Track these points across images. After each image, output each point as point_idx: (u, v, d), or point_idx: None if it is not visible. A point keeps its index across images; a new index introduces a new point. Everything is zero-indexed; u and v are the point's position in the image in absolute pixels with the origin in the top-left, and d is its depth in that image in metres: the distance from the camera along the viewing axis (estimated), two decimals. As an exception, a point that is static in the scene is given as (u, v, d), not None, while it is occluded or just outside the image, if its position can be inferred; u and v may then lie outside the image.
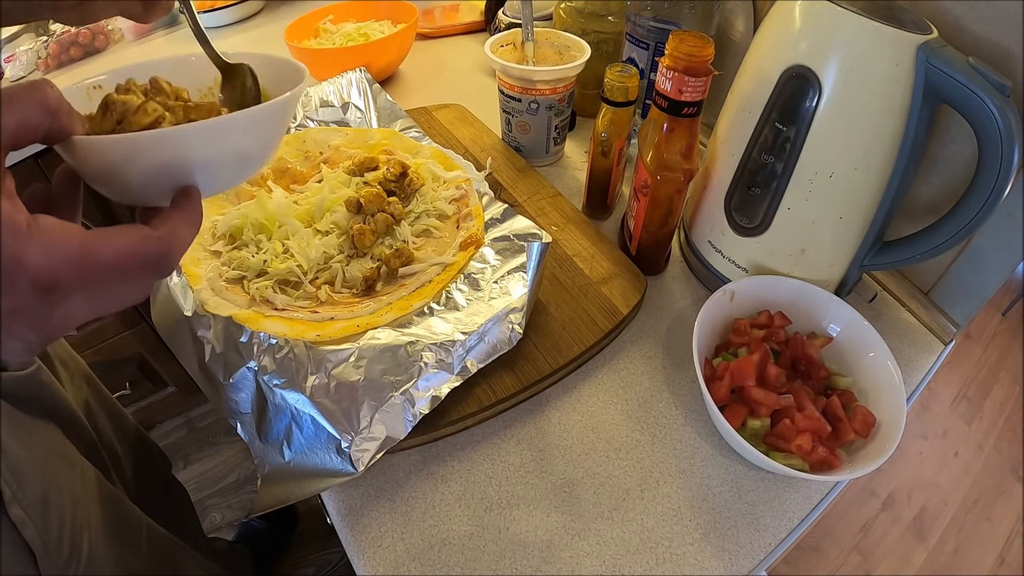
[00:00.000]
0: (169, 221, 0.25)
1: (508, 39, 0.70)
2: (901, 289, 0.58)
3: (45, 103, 0.22)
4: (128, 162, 0.25)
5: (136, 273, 0.24)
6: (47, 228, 0.21)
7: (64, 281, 0.21)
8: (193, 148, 0.26)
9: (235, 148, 0.28)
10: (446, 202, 0.59)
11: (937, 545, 1.31)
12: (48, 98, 0.22)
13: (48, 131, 0.22)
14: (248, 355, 0.45)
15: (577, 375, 0.50)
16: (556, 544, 0.40)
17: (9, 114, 0.21)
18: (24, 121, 0.21)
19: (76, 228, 0.22)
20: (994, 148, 0.38)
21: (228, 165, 0.29)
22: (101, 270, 0.22)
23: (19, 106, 0.21)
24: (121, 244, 0.23)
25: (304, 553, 1.11)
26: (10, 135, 0.21)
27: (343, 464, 0.40)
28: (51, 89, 0.22)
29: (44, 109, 0.22)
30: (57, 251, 0.21)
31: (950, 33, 0.43)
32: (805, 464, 0.41)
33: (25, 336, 0.22)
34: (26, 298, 0.20)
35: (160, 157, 0.25)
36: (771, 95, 0.45)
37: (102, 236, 0.22)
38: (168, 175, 0.26)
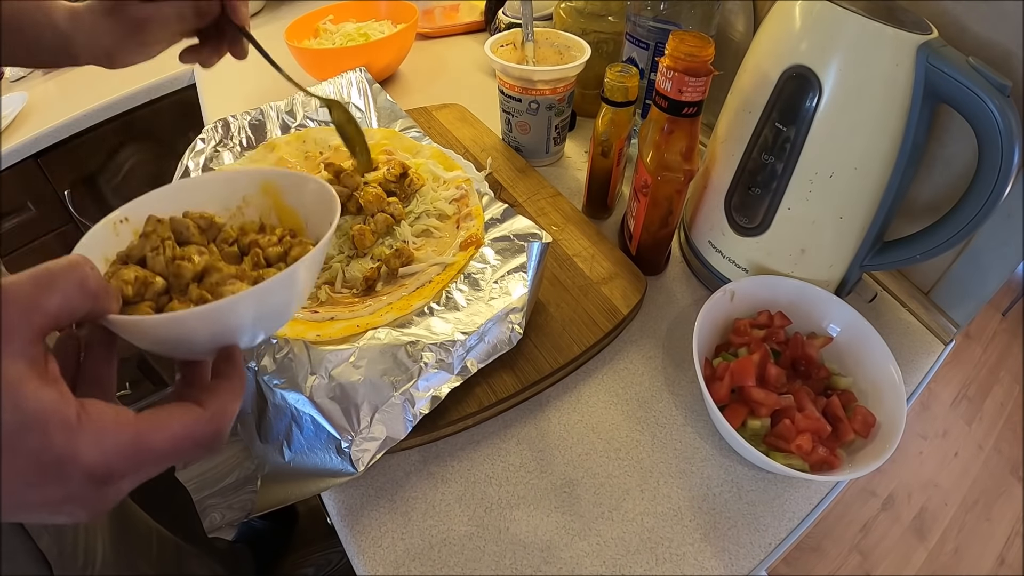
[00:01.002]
0: (217, 397, 0.25)
1: (508, 39, 0.70)
2: (901, 289, 0.58)
3: (86, 287, 0.22)
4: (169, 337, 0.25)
5: (188, 454, 0.24)
6: (98, 418, 0.20)
7: (118, 470, 0.21)
8: (235, 317, 0.26)
9: (277, 304, 0.29)
10: (446, 202, 0.59)
11: (937, 545, 1.31)
12: (88, 281, 0.22)
13: (87, 314, 0.22)
14: (248, 355, 0.45)
15: (577, 375, 0.50)
16: (556, 544, 0.40)
17: (51, 298, 0.20)
18: (66, 305, 0.21)
19: (126, 414, 0.21)
20: (994, 148, 0.38)
21: (271, 318, 0.29)
22: (155, 458, 0.22)
23: (60, 290, 0.21)
24: (175, 431, 0.22)
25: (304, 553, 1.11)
26: (52, 320, 0.21)
27: (343, 464, 0.40)
28: (91, 271, 0.22)
29: (84, 292, 0.22)
30: (110, 443, 0.20)
31: (950, 33, 0.43)
32: (805, 464, 0.41)
33: (75, 514, 0.22)
34: (80, 488, 0.20)
35: (202, 331, 0.26)
36: (771, 95, 0.45)
37: (154, 422, 0.22)
38: (213, 341, 0.27)
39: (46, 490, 0.20)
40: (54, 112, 0.95)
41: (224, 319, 0.26)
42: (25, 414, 0.19)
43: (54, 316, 0.21)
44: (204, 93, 0.92)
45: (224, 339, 0.27)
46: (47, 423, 0.19)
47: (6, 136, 0.92)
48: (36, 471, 0.19)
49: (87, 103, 0.96)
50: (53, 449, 0.19)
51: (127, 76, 1.01)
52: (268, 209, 0.37)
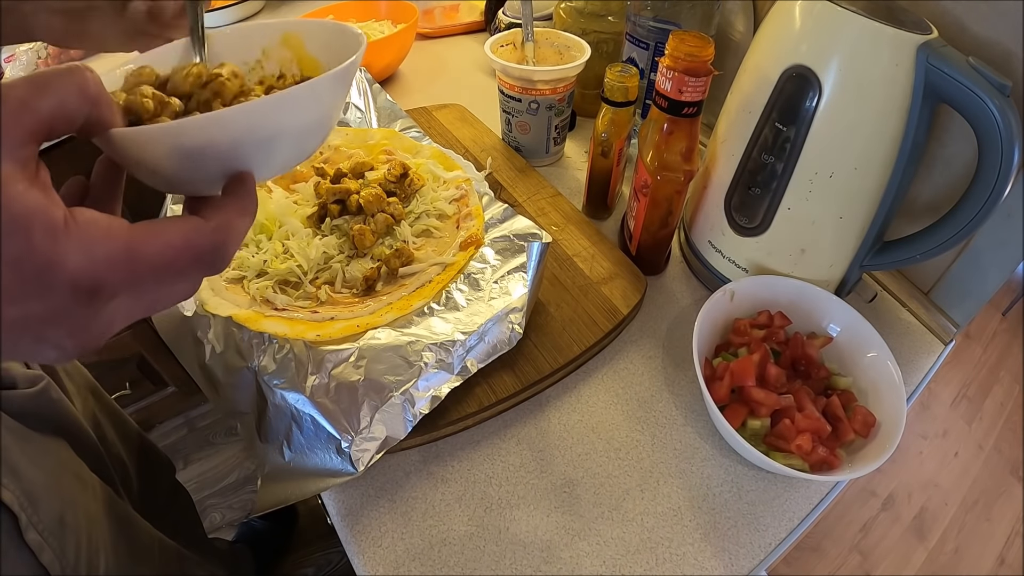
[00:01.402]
0: (223, 211, 0.23)
1: (508, 39, 0.70)
2: (901, 289, 0.58)
3: (84, 89, 0.20)
4: (175, 152, 0.23)
5: (188, 270, 0.22)
6: (87, 224, 0.19)
7: (108, 283, 0.19)
8: (246, 130, 0.24)
9: (292, 127, 0.26)
10: (446, 202, 0.59)
11: (937, 545, 1.31)
12: (88, 84, 0.20)
13: (86, 121, 0.20)
14: (248, 355, 0.45)
15: (577, 375, 0.50)
16: (556, 544, 0.40)
17: (45, 99, 0.19)
18: (61, 107, 0.19)
19: (120, 223, 0.20)
20: (994, 148, 0.38)
21: (285, 145, 0.27)
22: (149, 269, 0.20)
23: (56, 91, 0.19)
24: (171, 239, 0.21)
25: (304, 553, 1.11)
26: (45, 122, 0.19)
27: (343, 464, 0.40)
28: (91, 74, 0.20)
29: (83, 96, 0.20)
30: (100, 250, 0.19)
31: (950, 33, 0.43)
32: (805, 464, 0.41)
33: (62, 343, 0.20)
34: (64, 303, 0.19)
35: (211, 143, 0.23)
36: (771, 95, 0.45)
37: (150, 231, 0.20)
38: (219, 162, 0.24)
39: (27, 304, 0.18)
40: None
41: (232, 128, 0.23)
42: (8, 215, 0.17)
43: (48, 118, 0.19)
44: (204, 93, 0.92)
45: (233, 160, 0.24)
46: (31, 226, 0.17)
47: (6, 136, 0.91)
48: (17, 280, 0.18)
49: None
50: (35, 254, 0.18)
51: (127, 76, 1.00)
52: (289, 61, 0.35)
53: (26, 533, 0.39)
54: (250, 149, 0.25)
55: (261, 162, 0.26)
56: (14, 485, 0.39)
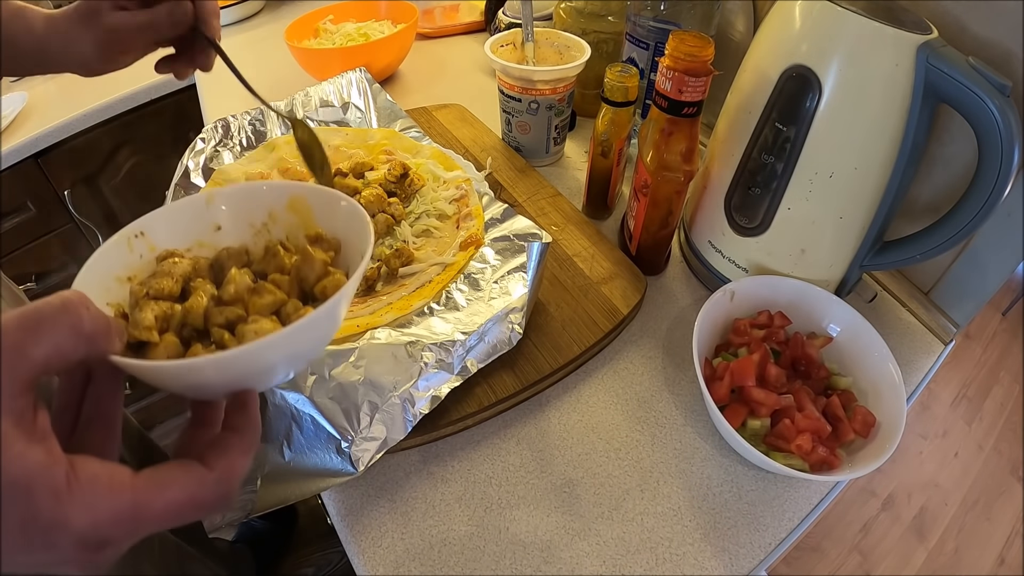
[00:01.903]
0: (226, 454, 0.23)
1: (508, 39, 0.70)
2: (901, 289, 0.58)
3: (79, 330, 0.19)
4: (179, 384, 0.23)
5: (190, 518, 0.21)
6: (90, 482, 0.19)
7: (112, 538, 0.19)
8: (255, 364, 0.24)
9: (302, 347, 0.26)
10: (446, 202, 0.59)
11: (937, 545, 1.31)
12: (82, 324, 0.19)
13: (84, 359, 0.20)
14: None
15: (577, 375, 0.50)
16: (556, 544, 0.40)
17: (38, 346, 0.18)
18: (56, 352, 0.19)
19: (121, 476, 0.19)
20: (994, 148, 0.38)
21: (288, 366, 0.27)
22: (153, 524, 0.20)
23: (49, 335, 0.19)
24: (177, 495, 0.21)
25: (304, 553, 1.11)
26: (40, 369, 0.18)
27: (343, 464, 0.40)
28: (86, 311, 0.20)
29: (78, 336, 0.19)
30: (104, 510, 0.19)
31: (950, 33, 0.43)
32: (805, 464, 0.41)
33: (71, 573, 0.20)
34: (71, 553, 0.19)
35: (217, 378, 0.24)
36: (771, 95, 0.45)
37: (154, 485, 0.20)
38: (227, 387, 0.25)
39: (35, 556, 0.18)
40: (54, 112, 0.95)
41: (242, 366, 0.23)
42: (9, 479, 0.17)
43: (42, 365, 0.19)
44: (204, 93, 0.92)
45: (241, 384, 0.25)
46: (33, 489, 0.18)
47: (6, 136, 0.92)
48: (23, 538, 0.18)
49: (87, 103, 0.96)
50: (40, 517, 0.18)
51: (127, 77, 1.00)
52: (296, 228, 0.33)
53: None
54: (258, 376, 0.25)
55: (265, 382, 0.26)
56: None
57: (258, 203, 0.33)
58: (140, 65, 0.47)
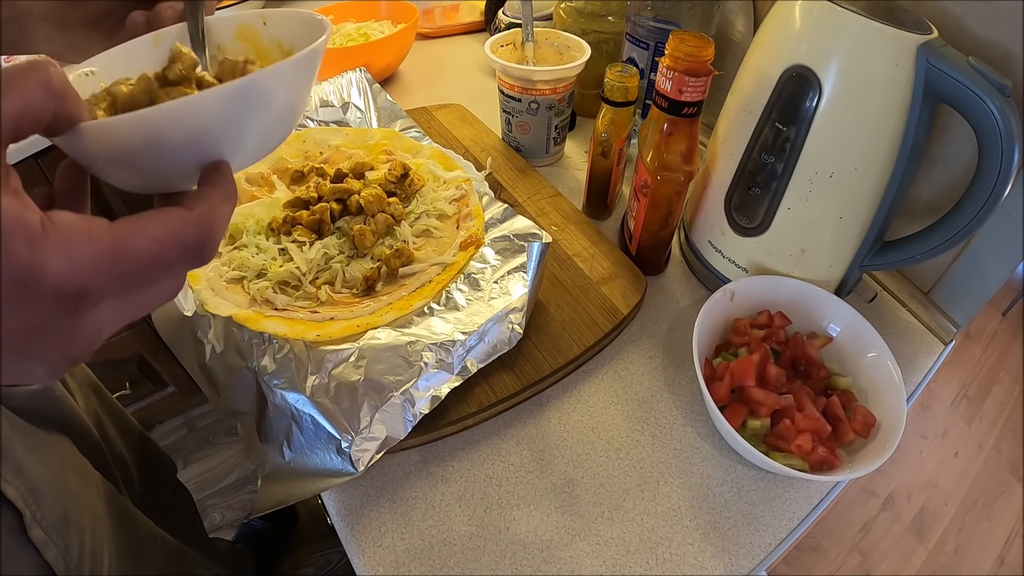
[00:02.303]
0: (205, 199, 0.22)
1: (508, 39, 0.70)
2: (901, 289, 0.58)
3: (49, 85, 0.19)
4: (147, 143, 0.22)
5: (175, 264, 0.21)
6: (67, 226, 0.18)
7: (94, 287, 0.18)
8: (220, 114, 0.23)
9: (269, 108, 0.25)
10: (446, 202, 0.59)
11: (937, 545, 1.31)
12: (52, 80, 0.19)
13: (53, 117, 0.19)
14: (248, 355, 0.45)
15: (577, 375, 0.50)
16: (556, 544, 0.40)
17: (9, 98, 0.18)
18: (26, 106, 0.18)
19: (100, 222, 0.19)
20: (994, 148, 0.38)
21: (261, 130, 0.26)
22: (136, 268, 0.19)
23: (20, 89, 0.18)
24: (157, 234, 0.20)
25: (304, 553, 1.11)
26: (12, 122, 0.18)
27: (343, 464, 0.40)
28: (54, 69, 0.19)
29: (48, 91, 0.19)
30: (83, 253, 0.18)
31: (950, 33, 0.43)
32: (805, 464, 0.41)
33: (49, 357, 0.19)
34: (49, 313, 0.18)
35: (184, 131, 0.22)
36: (771, 95, 0.45)
37: (133, 227, 0.19)
38: (193, 151, 0.23)
39: (10, 317, 0.17)
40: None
41: (206, 113, 0.22)
42: None
43: (14, 119, 0.18)
44: (204, 93, 0.92)
45: (208, 149, 0.23)
46: (8, 234, 0.16)
47: (6, 136, 0.91)
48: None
49: (87, 103, 0.96)
50: (14, 263, 0.16)
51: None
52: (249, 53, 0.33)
53: (30, 530, 0.39)
54: (224, 135, 0.24)
55: (234, 149, 0.25)
56: (18, 481, 0.39)
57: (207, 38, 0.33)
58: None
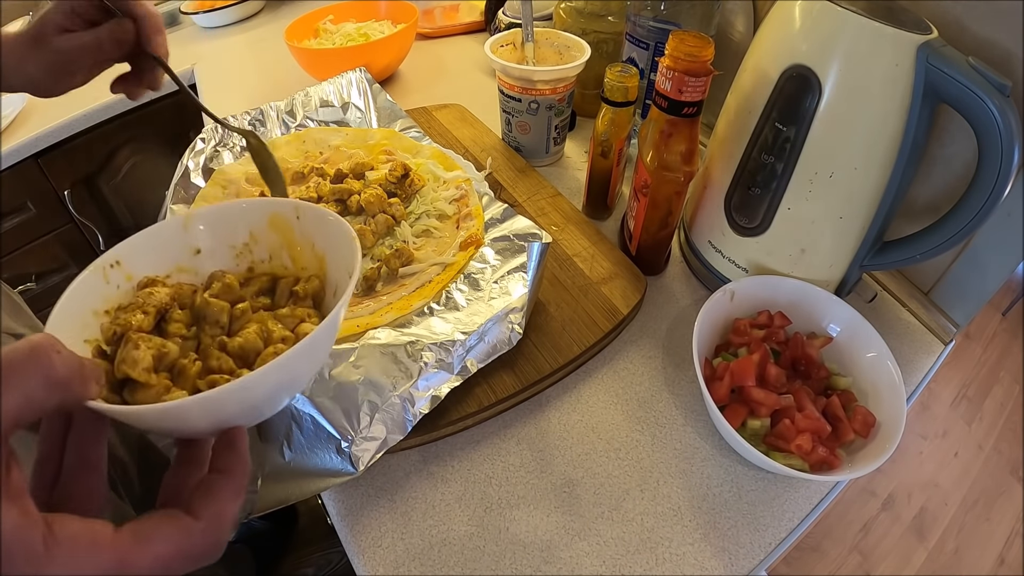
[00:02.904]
0: (214, 500, 0.21)
1: (508, 39, 0.70)
2: (901, 289, 0.58)
3: (50, 377, 0.18)
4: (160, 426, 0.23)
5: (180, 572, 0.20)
6: (70, 542, 0.17)
7: None
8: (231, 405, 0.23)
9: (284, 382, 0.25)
10: (446, 202, 0.59)
11: (937, 545, 1.31)
12: (54, 370, 0.18)
13: (58, 406, 0.19)
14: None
15: (577, 375, 0.50)
16: (556, 544, 0.40)
17: (9, 395, 0.17)
18: (28, 401, 0.18)
19: (103, 532, 0.18)
20: (994, 148, 0.38)
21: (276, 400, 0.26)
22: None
23: (20, 385, 0.18)
24: (162, 549, 0.19)
25: (304, 553, 1.11)
26: (11, 420, 0.17)
27: (343, 464, 0.40)
28: (57, 356, 0.19)
29: (50, 385, 0.18)
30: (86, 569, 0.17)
31: (950, 33, 0.43)
32: (805, 464, 0.41)
33: None
34: None
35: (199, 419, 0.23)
36: (771, 95, 0.45)
37: (137, 541, 0.19)
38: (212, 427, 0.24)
39: None
40: (54, 112, 0.95)
41: (229, 405, 0.23)
42: None
43: (14, 417, 0.18)
44: (204, 93, 0.92)
45: (229, 423, 0.24)
46: (8, 555, 0.16)
47: (6, 136, 0.92)
48: None
49: (87, 103, 0.96)
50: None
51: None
52: (278, 247, 0.33)
53: None
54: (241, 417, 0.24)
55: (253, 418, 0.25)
56: None
57: (237, 223, 0.32)
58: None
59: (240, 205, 0.33)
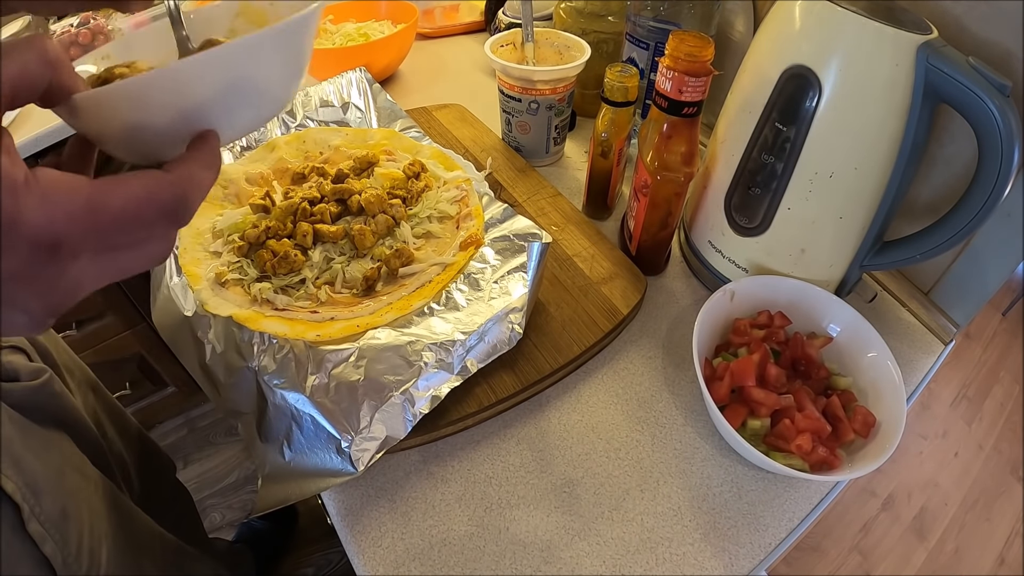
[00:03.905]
0: (185, 163, 0.23)
1: (508, 39, 0.70)
2: (901, 289, 0.58)
3: (45, 54, 0.20)
4: (137, 111, 0.23)
5: (152, 222, 0.22)
6: (48, 181, 0.19)
7: (69, 237, 0.19)
8: (206, 81, 0.24)
9: (252, 78, 0.26)
10: (448, 203, 0.59)
11: (937, 545, 1.31)
12: (48, 51, 0.20)
13: (49, 86, 0.20)
14: (248, 355, 0.45)
15: (577, 375, 0.50)
16: (556, 544, 0.40)
17: (8, 64, 0.19)
18: (23, 72, 0.19)
19: (82, 179, 0.20)
20: (994, 148, 0.38)
21: (247, 101, 0.26)
22: (111, 221, 0.20)
23: (18, 57, 0.19)
24: (133, 190, 0.21)
25: (304, 553, 1.11)
26: (9, 86, 0.19)
27: (343, 464, 0.40)
28: (50, 42, 0.20)
29: (44, 60, 0.20)
30: (60, 203, 0.19)
31: (950, 33, 0.43)
32: (805, 464, 0.41)
33: (29, 306, 0.20)
34: (27, 260, 0.19)
35: (171, 98, 0.23)
36: (771, 95, 0.45)
37: (111, 183, 0.20)
38: (183, 120, 0.24)
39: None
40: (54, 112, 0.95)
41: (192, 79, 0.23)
42: None
43: (11, 83, 0.19)
44: (204, 93, 0.93)
45: (195, 117, 0.24)
46: None
47: (6, 136, 0.91)
48: None
49: (87, 103, 0.96)
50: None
51: (127, 76, 1.00)
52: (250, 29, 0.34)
53: (28, 524, 0.39)
54: (209, 104, 0.25)
55: (221, 119, 0.25)
56: (16, 476, 0.39)
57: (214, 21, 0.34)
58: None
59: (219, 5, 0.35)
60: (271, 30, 0.25)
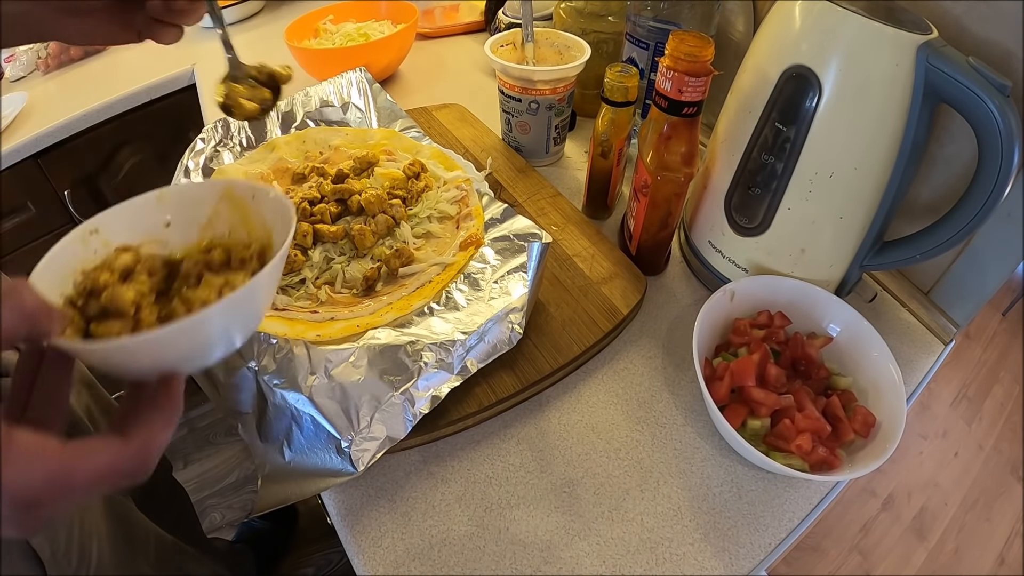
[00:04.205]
0: (147, 428, 0.25)
1: (508, 39, 0.70)
2: (901, 289, 0.58)
3: (20, 309, 0.21)
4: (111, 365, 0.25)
5: (114, 484, 0.24)
6: (24, 446, 0.21)
7: (43, 498, 0.22)
8: (174, 347, 0.26)
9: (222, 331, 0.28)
10: (448, 203, 0.59)
11: (937, 545, 1.31)
12: (24, 304, 0.22)
13: (27, 337, 0.22)
14: (248, 355, 0.45)
15: (577, 375, 0.50)
16: (556, 544, 0.40)
17: None
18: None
19: (53, 445, 0.22)
20: (994, 148, 0.38)
21: (216, 345, 0.28)
22: (79, 487, 0.22)
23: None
24: (98, 463, 0.23)
25: (304, 553, 1.11)
26: None
27: (343, 464, 0.40)
28: (28, 293, 0.22)
29: (19, 316, 0.21)
30: (36, 471, 0.21)
31: (950, 33, 0.43)
32: (805, 464, 0.41)
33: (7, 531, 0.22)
34: (5, 511, 0.21)
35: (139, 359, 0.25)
36: (771, 95, 0.45)
37: (79, 454, 0.22)
38: (153, 368, 0.27)
39: None
40: (54, 112, 0.95)
41: (161, 349, 0.26)
42: None
43: None
44: (204, 93, 0.92)
45: (165, 367, 0.27)
46: None
47: (6, 136, 0.92)
48: None
49: (87, 103, 0.96)
50: None
51: (127, 76, 1.01)
52: (237, 222, 0.35)
53: None
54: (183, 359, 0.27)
55: (193, 364, 0.28)
56: None
57: (200, 201, 0.35)
58: (139, 65, 0.47)
59: (201, 184, 0.36)
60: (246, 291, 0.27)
